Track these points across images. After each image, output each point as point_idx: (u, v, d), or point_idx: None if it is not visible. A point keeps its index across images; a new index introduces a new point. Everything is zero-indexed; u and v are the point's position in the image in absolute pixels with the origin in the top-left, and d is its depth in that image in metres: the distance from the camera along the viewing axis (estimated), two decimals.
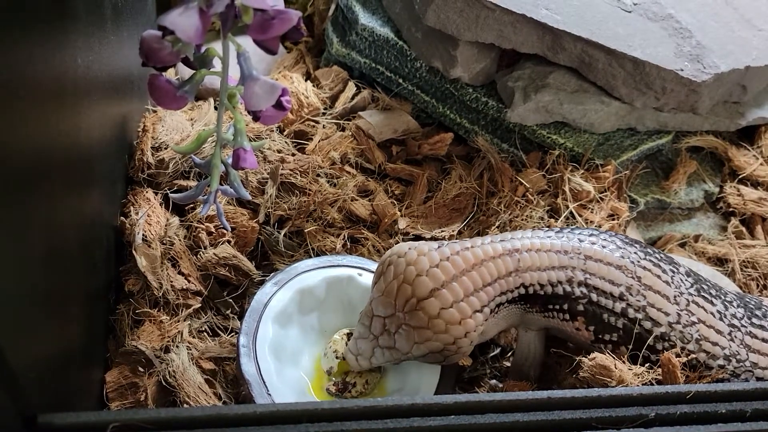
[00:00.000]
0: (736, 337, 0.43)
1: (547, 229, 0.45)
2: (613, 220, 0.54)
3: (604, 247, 0.43)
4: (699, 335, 0.42)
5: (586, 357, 0.42)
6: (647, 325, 0.42)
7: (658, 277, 0.43)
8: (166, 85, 0.40)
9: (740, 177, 0.61)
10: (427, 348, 0.40)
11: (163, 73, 0.40)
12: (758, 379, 0.43)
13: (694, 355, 0.42)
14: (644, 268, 0.43)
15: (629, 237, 0.46)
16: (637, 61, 0.53)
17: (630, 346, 0.42)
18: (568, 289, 0.42)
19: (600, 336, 0.43)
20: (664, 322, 0.42)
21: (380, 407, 0.34)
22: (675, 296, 0.43)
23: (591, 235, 0.44)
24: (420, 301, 0.39)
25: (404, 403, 0.34)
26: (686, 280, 0.44)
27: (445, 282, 0.40)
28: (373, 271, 0.47)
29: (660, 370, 0.42)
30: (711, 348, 0.43)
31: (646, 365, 0.42)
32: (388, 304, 0.40)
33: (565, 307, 0.43)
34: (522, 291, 0.42)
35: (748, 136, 0.64)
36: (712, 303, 0.44)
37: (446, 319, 0.39)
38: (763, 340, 0.44)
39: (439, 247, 0.41)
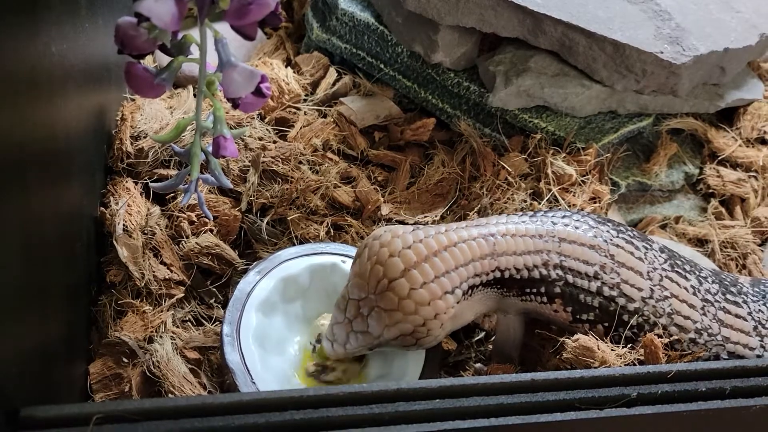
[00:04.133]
0: (708, 311, 0.44)
1: (521, 214, 0.45)
2: (595, 203, 0.54)
3: (577, 228, 0.44)
4: (671, 309, 0.43)
5: (569, 338, 0.43)
6: (621, 301, 0.43)
7: (631, 253, 0.43)
8: (143, 73, 0.39)
9: (720, 158, 0.61)
10: (398, 330, 0.40)
11: (141, 61, 0.40)
12: (729, 353, 0.44)
13: (666, 330, 0.43)
14: (617, 245, 0.43)
15: (601, 216, 0.46)
16: (618, 44, 0.53)
17: (607, 324, 0.43)
18: (545, 272, 0.42)
19: (578, 316, 0.43)
20: (638, 297, 0.43)
21: (365, 393, 0.34)
22: (648, 272, 0.43)
23: (564, 216, 0.44)
24: (391, 282, 0.39)
25: (389, 388, 0.34)
26: (660, 256, 0.44)
27: (416, 263, 0.40)
28: None
29: (642, 350, 0.42)
30: (683, 321, 0.43)
31: (628, 346, 0.43)
32: (362, 287, 0.40)
33: (542, 290, 0.43)
34: (497, 275, 0.42)
35: (727, 117, 0.64)
36: (685, 278, 0.44)
37: (416, 300, 0.39)
38: (736, 315, 0.45)
39: (414, 230, 0.42)
